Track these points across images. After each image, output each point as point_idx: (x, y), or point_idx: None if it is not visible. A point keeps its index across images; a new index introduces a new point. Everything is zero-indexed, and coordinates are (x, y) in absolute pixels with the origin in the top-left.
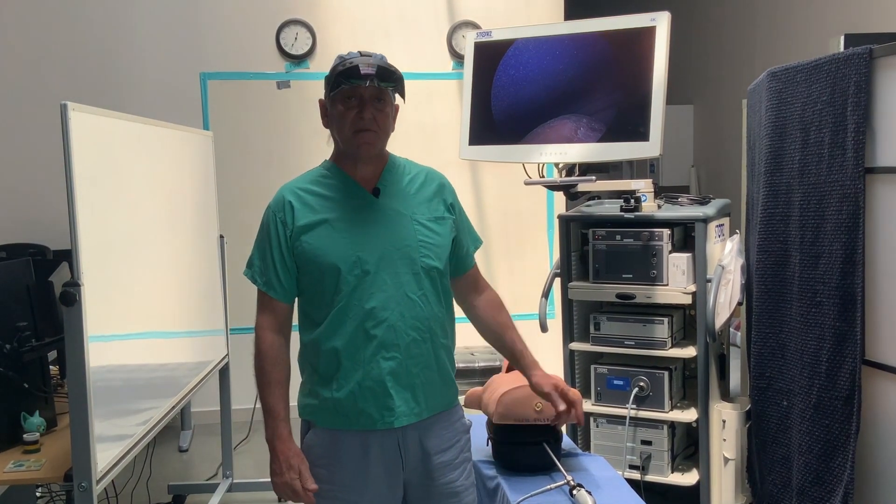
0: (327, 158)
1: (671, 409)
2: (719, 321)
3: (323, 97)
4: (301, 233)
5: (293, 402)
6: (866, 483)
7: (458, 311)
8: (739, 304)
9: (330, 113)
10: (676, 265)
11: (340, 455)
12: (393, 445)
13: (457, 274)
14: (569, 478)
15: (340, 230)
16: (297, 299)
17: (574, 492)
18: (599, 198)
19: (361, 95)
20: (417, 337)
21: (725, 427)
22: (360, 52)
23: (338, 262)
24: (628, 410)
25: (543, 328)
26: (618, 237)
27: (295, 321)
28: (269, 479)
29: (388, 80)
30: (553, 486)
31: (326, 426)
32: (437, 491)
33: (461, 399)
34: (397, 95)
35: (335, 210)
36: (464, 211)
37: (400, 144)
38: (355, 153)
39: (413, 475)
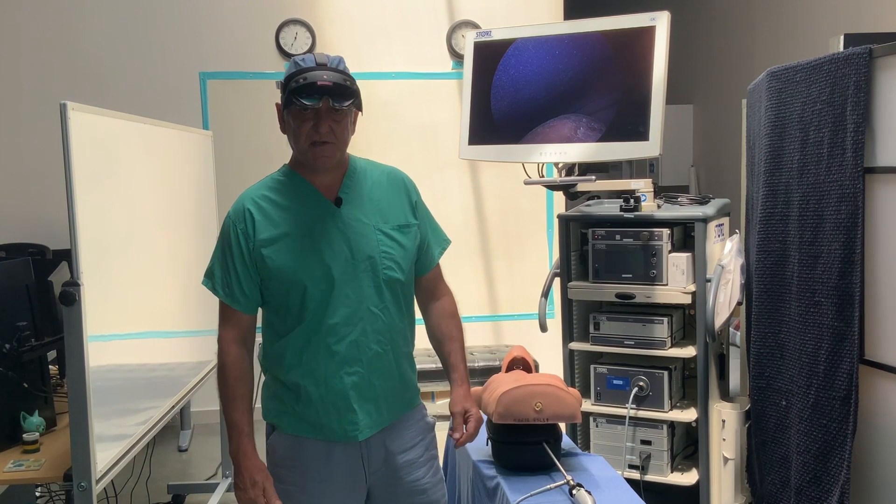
0: (287, 162)
1: (671, 409)
2: (719, 321)
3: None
4: (262, 246)
5: (258, 407)
6: (865, 482)
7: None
8: (739, 303)
9: (286, 120)
10: (676, 265)
11: (303, 460)
12: (356, 454)
13: (417, 274)
14: (568, 477)
15: (304, 244)
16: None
17: (574, 491)
18: (599, 197)
19: (317, 108)
20: (379, 350)
21: (725, 427)
22: (315, 59)
23: (304, 278)
24: (628, 410)
25: (543, 328)
26: (617, 237)
27: (261, 322)
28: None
29: (345, 96)
30: (553, 485)
31: (290, 432)
32: (404, 489)
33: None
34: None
35: (296, 222)
36: (428, 210)
37: (400, 144)
38: (312, 165)
39: (377, 477)
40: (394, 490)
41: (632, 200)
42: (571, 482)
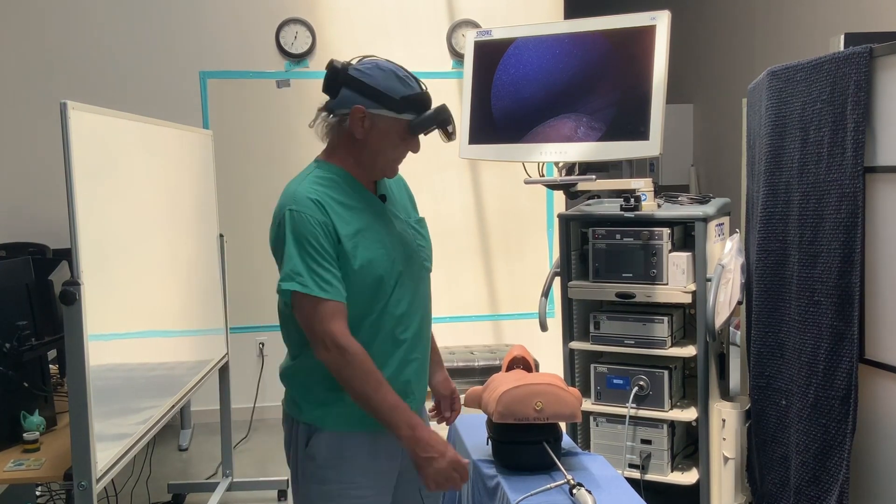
0: (323, 160)
1: (671, 409)
2: (719, 320)
3: (364, 107)
4: (344, 241)
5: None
6: (865, 482)
7: (455, 311)
8: (739, 303)
9: (379, 131)
10: (676, 264)
11: (350, 455)
12: (396, 442)
13: None
14: (569, 477)
15: (375, 239)
16: None
17: (574, 491)
18: (599, 197)
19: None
20: (427, 336)
21: (725, 426)
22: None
23: (381, 271)
24: (628, 409)
25: (543, 327)
26: (618, 236)
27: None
28: (261, 478)
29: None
30: (553, 485)
31: (336, 429)
32: (415, 477)
33: (462, 398)
34: None
35: (363, 218)
36: None
37: None
38: (380, 176)
39: (404, 465)
40: (410, 476)
41: (632, 200)
42: (572, 481)
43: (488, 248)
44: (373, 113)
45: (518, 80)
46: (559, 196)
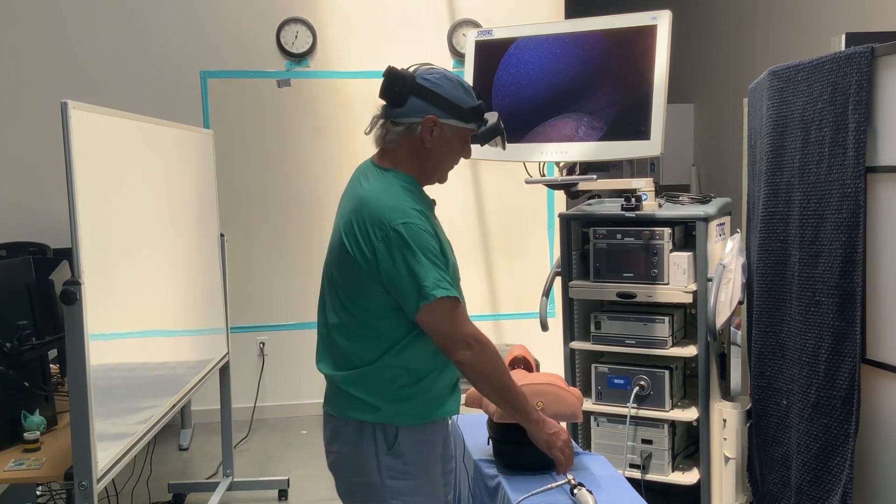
0: (391, 168)
1: (672, 408)
2: (720, 320)
3: (437, 117)
4: (442, 248)
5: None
6: (867, 482)
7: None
8: (740, 302)
9: (445, 140)
10: (677, 264)
11: (427, 446)
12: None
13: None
14: (569, 477)
15: (448, 244)
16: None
17: (575, 491)
18: (600, 196)
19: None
20: None
21: (726, 426)
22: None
23: (458, 276)
24: (629, 409)
25: (544, 327)
26: (618, 236)
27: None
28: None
29: None
30: (554, 485)
31: (415, 423)
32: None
33: (462, 398)
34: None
35: (437, 225)
36: None
37: None
38: (440, 181)
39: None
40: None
41: (633, 199)
42: (573, 481)
43: (489, 248)
44: (443, 123)
45: (519, 79)
46: (560, 196)
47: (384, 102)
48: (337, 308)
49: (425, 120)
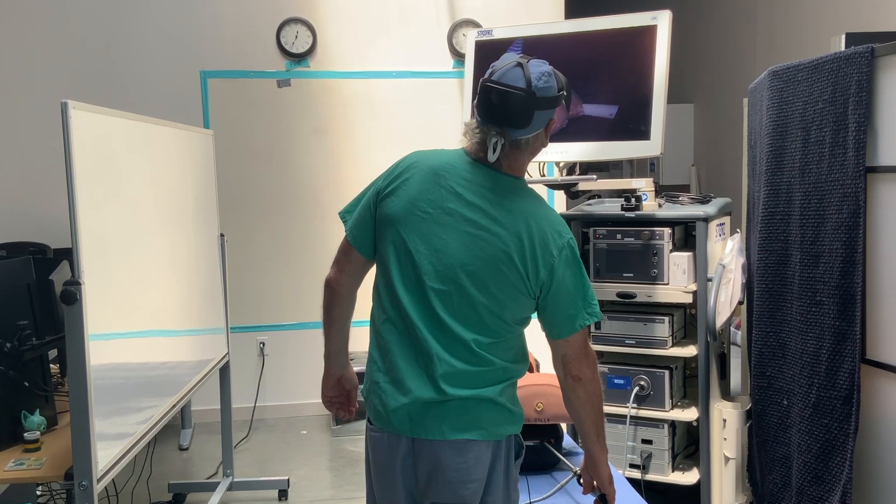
0: (521, 177)
1: (672, 408)
2: (720, 320)
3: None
4: None
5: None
6: (867, 482)
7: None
8: (740, 303)
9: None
10: (677, 264)
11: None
12: None
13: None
14: (574, 468)
15: None
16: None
17: (581, 482)
18: (600, 196)
19: None
20: None
21: (726, 426)
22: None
23: None
24: (629, 409)
25: None
26: (618, 236)
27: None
28: (262, 478)
29: None
30: (560, 484)
31: (518, 431)
32: None
33: None
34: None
35: None
36: None
37: (400, 144)
38: None
39: None
40: None
41: (633, 199)
42: (578, 471)
43: None
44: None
45: None
46: (560, 196)
47: (501, 122)
48: (475, 324)
49: (549, 124)
